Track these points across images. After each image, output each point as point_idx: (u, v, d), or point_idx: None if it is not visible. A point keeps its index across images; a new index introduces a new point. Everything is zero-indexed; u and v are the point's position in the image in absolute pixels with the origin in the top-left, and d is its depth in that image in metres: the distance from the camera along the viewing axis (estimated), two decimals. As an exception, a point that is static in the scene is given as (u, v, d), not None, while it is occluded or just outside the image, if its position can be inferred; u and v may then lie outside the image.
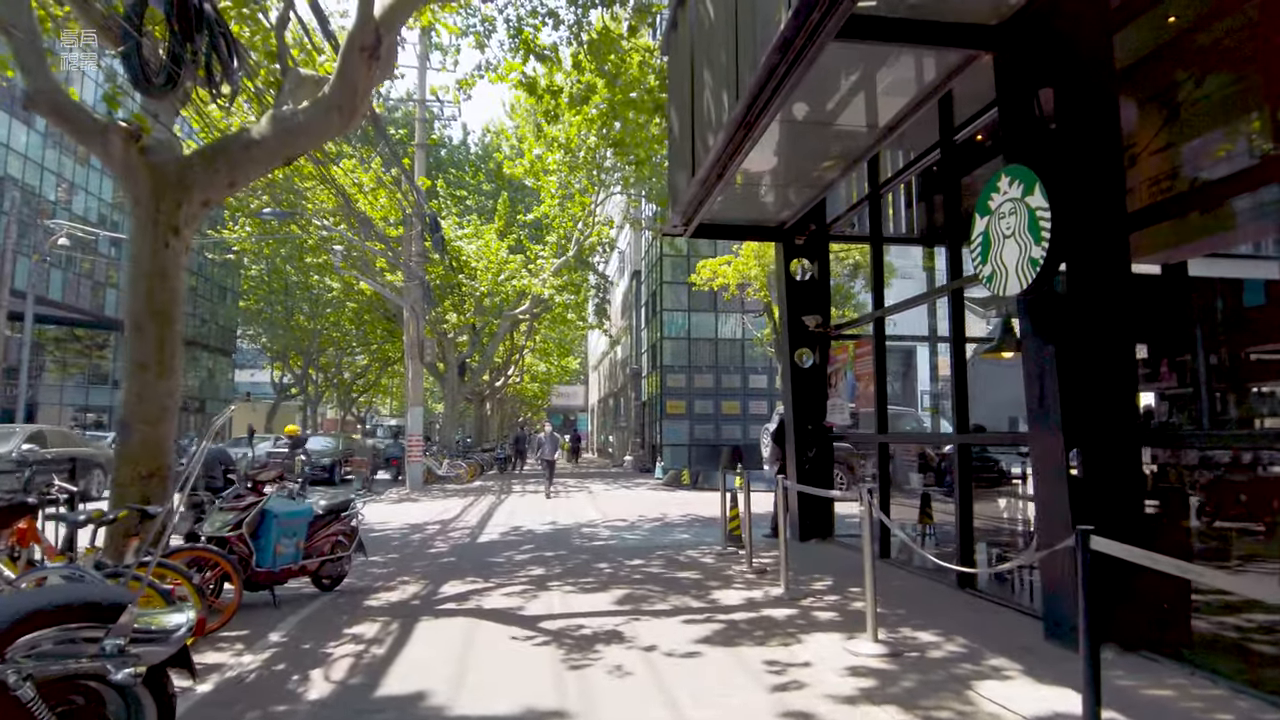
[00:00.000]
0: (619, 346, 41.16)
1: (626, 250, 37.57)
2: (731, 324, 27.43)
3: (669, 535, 10.26)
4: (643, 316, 32.57)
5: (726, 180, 7.44)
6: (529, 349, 37.63)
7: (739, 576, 7.20)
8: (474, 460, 23.59)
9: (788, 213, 9.34)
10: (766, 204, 9.21)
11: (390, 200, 19.12)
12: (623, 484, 21.66)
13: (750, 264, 18.18)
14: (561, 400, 55.72)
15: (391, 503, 15.75)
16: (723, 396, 27.09)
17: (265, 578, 5.90)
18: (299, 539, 6.16)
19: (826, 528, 9.32)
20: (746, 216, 9.63)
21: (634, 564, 7.97)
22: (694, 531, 10.62)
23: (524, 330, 31.86)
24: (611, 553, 8.79)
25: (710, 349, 27.56)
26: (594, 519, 12.40)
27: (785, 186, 8.67)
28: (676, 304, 27.74)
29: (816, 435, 9.32)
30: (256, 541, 5.86)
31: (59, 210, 25.51)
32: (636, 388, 33.95)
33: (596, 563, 8.11)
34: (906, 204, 8.68)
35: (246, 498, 5.94)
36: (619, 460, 35.39)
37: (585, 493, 18.19)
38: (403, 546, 9.64)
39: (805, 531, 9.27)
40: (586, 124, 13.31)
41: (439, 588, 6.91)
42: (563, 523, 11.92)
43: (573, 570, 7.69)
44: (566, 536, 10.32)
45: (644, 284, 32.51)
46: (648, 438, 30.81)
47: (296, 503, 6.28)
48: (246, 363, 52.91)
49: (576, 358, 58.76)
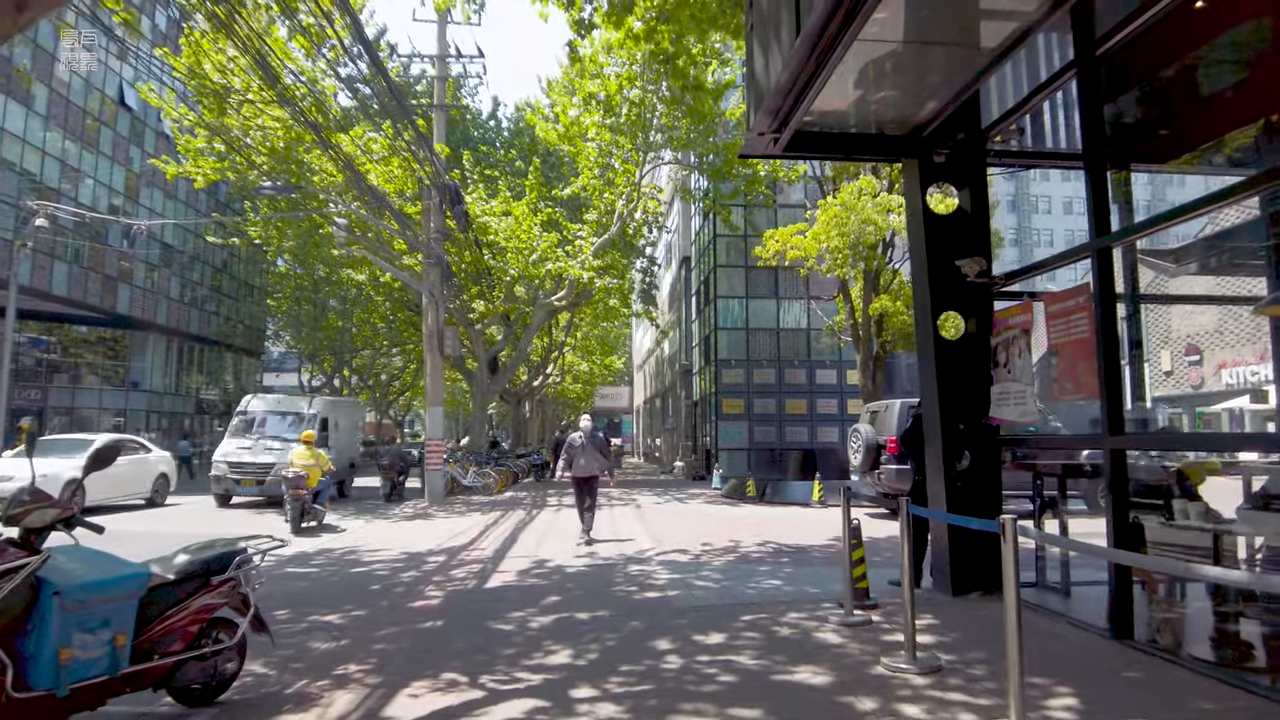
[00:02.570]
0: (666, 342, 38.27)
1: (674, 237, 34.67)
2: (795, 311, 24.33)
3: (752, 579, 7.27)
4: (693, 306, 29.63)
5: (860, 24, 4.51)
6: (569, 346, 34.95)
7: (900, 683, 4.22)
8: (507, 467, 20.91)
9: (927, 110, 6.32)
10: (895, 96, 6.22)
11: (405, 170, 16.58)
12: (675, 495, 18.72)
13: (829, 233, 15.08)
14: (605, 401, 52.98)
15: (403, 519, 13.13)
16: (786, 394, 23.98)
17: (43, 711, 3.15)
18: (117, 630, 3.39)
19: (991, 575, 6.26)
20: (865, 119, 6.63)
21: (713, 643, 5.03)
22: (786, 573, 7.62)
23: (563, 325, 29.16)
24: (674, 616, 5.87)
25: (771, 340, 24.48)
26: (645, 549, 9.50)
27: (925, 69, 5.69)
28: (732, 290, 24.77)
29: (973, 438, 6.28)
30: (20, 643, 3.11)
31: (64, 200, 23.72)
32: (687, 385, 31.02)
33: (653, 638, 5.20)
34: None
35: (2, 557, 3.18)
36: (668, 466, 32.44)
37: (632, 506, 15.31)
38: (380, 595, 6.89)
39: (960, 581, 6.24)
40: (631, 42, 10.43)
41: (391, 698, 4.11)
42: (604, 555, 9.05)
43: (617, 656, 4.80)
44: (608, 580, 7.44)
45: (695, 270, 29.57)
46: (700, 441, 27.83)
47: (111, 565, 3.51)
48: (275, 364, 51.47)
49: (621, 356, 56.03)
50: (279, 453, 15.08)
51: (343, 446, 18.24)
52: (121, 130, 28.76)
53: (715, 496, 17.99)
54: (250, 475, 15.23)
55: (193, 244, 32.58)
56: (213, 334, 36.11)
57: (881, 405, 13.36)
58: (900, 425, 11.93)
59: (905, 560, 4.48)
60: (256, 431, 16.29)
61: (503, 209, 19.14)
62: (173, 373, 34.59)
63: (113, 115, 28.25)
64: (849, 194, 14.70)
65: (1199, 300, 6.92)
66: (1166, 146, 5.37)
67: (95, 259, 26.36)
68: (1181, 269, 8.07)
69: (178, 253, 33.32)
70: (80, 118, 26.04)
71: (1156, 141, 5.51)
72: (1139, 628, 4.77)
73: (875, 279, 18.13)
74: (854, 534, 5.65)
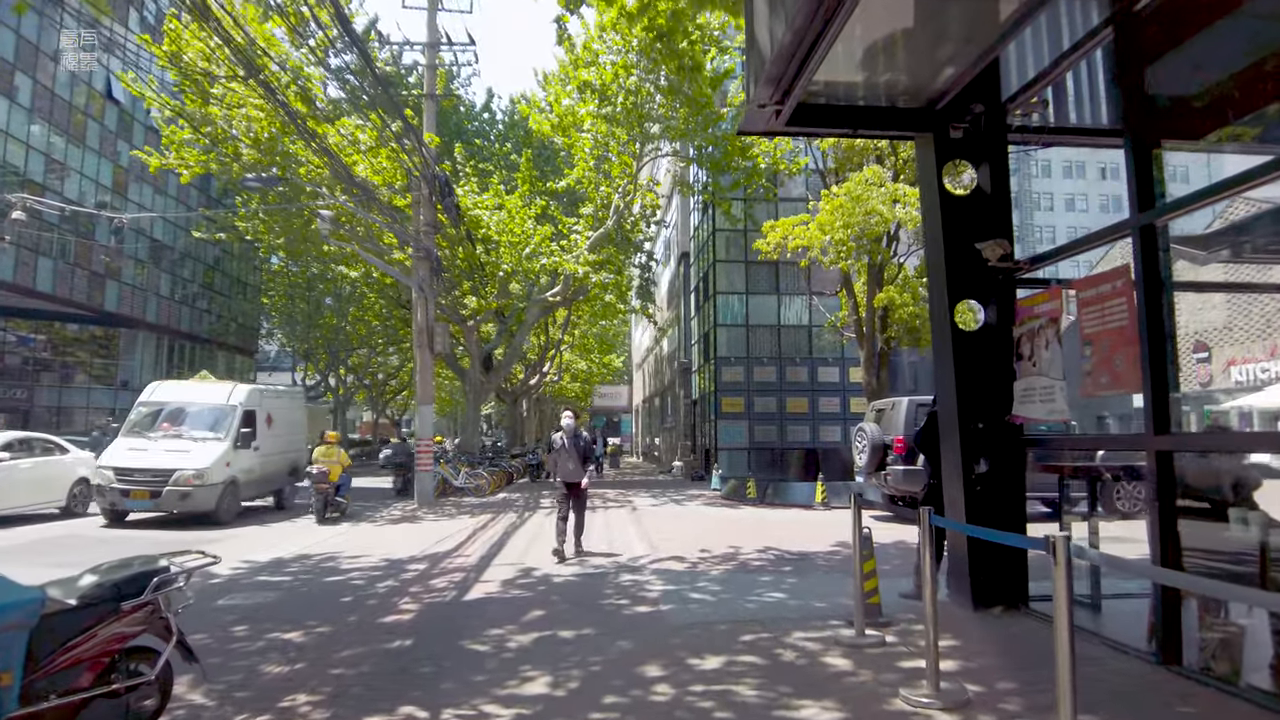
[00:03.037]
0: (665, 340, 37.74)
1: (672, 233, 34.12)
2: (797, 307, 23.78)
3: (753, 592, 6.73)
4: (692, 303, 29.09)
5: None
6: (567, 344, 34.39)
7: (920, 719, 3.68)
8: (501, 468, 20.37)
9: (943, 79, 5.77)
10: (908, 62, 5.69)
11: (393, 161, 16.03)
12: (673, 496, 18.17)
13: (833, 223, 14.52)
14: (604, 401, 52.36)
15: (389, 523, 12.60)
16: (787, 392, 23.42)
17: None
18: (1, 668, 2.85)
19: (1015, 587, 5.72)
20: (874, 90, 6.09)
21: (709, 669, 4.49)
22: (789, 584, 7.07)
23: (560, 322, 28.60)
24: (667, 635, 5.32)
25: (771, 337, 23.93)
26: (639, 555, 8.96)
27: (941, 30, 5.15)
28: (732, 286, 24.21)
29: (994, 438, 5.74)
30: None
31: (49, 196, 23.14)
32: (686, 384, 30.47)
33: (642, 662, 4.66)
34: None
35: None
36: (667, 466, 31.89)
37: (628, 509, 14.77)
38: (350, 608, 6.36)
39: (980, 594, 5.69)
40: (625, 22, 9.90)
41: (337, 739, 3.57)
42: (594, 563, 8.51)
43: (600, 684, 4.26)
44: (597, 591, 6.90)
45: (694, 265, 29.03)
46: (699, 441, 27.29)
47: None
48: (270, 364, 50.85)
49: (620, 355, 55.44)
50: (185, 456, 12.07)
51: (280, 448, 14.73)
52: (109, 124, 28.21)
53: (714, 498, 17.46)
54: (142, 485, 11.66)
55: (184, 240, 32.00)
56: (205, 332, 35.51)
57: (888, 403, 12.82)
58: (908, 424, 11.39)
59: (927, 577, 3.94)
60: (159, 428, 12.98)
61: (495, 202, 18.57)
62: (164, 372, 34.04)
63: (100, 108, 27.69)
64: (855, 183, 14.14)
65: (1247, 289, 6.39)
66: (1215, 115, 4.82)
67: (81, 255, 25.79)
68: (1212, 256, 7.54)
69: (168, 249, 32.75)
70: (66, 111, 25.49)
71: (1204, 110, 4.96)
72: (1189, 652, 4.23)
73: (880, 273, 17.58)
74: (866, 546, 5.11)
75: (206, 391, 14.17)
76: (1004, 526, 5.46)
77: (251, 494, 13.67)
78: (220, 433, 12.91)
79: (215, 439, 12.75)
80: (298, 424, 16.29)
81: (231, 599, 6.83)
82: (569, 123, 17.61)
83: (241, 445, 13.06)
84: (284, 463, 14.98)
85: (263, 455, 13.86)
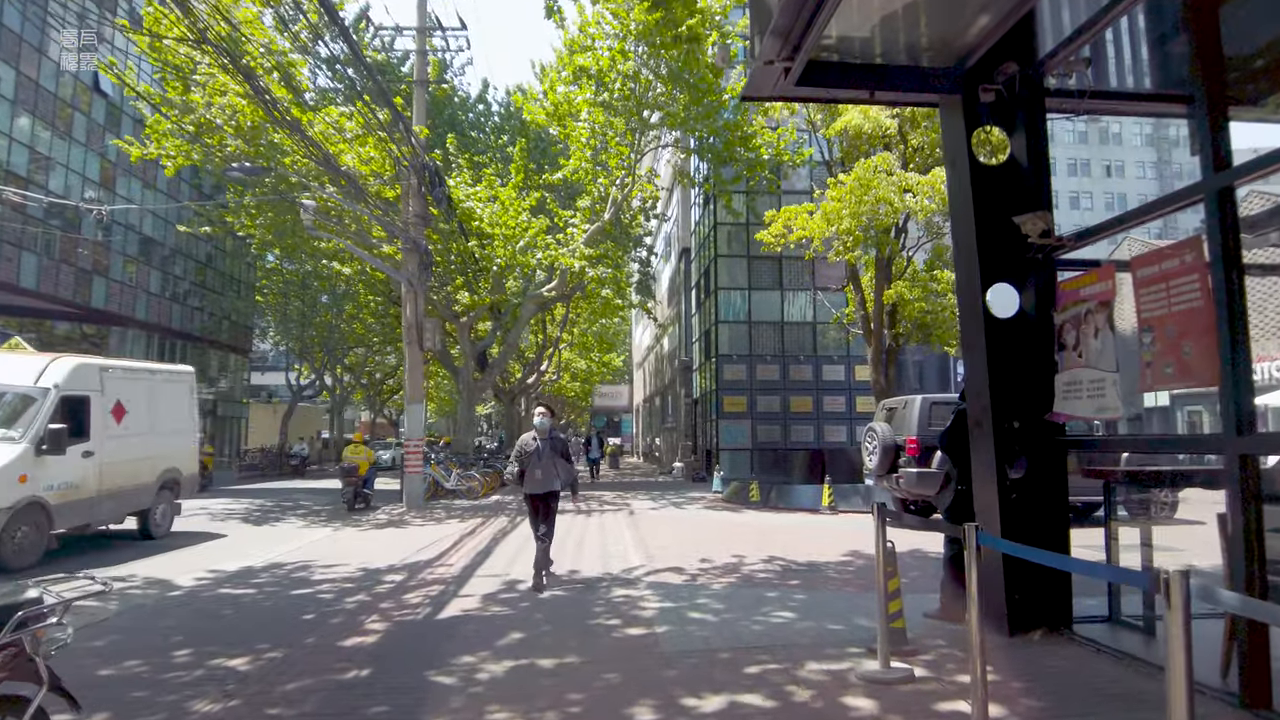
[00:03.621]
0: (666, 337, 37.09)
1: (673, 228, 33.45)
2: (801, 303, 23.12)
3: (759, 611, 6.03)
4: (693, 300, 28.43)
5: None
6: (566, 342, 33.71)
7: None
8: (495, 469, 19.70)
9: (974, 32, 5.11)
10: (933, 11, 5.03)
11: (380, 151, 15.38)
12: (672, 499, 17.50)
13: (839, 213, 13.83)
14: (604, 400, 51.74)
15: (374, 527, 11.96)
16: (791, 391, 22.74)
17: None
18: None
19: (1058, 608, 5.04)
20: (894, 45, 5.41)
21: (709, 712, 3.81)
22: (799, 601, 6.38)
23: (558, 319, 27.93)
24: (661, 665, 4.64)
25: (775, 334, 23.27)
26: (633, 566, 8.30)
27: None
28: (734, 281, 23.55)
29: (1031, 439, 5.06)
30: None
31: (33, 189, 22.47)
32: (686, 383, 29.82)
33: (630, 701, 3.97)
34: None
35: None
36: (667, 467, 31.21)
37: (625, 512, 14.10)
38: (310, 628, 5.70)
39: (1017, 616, 5.01)
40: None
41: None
42: (585, 573, 7.86)
43: (579, 732, 3.59)
44: (584, 609, 6.23)
45: (695, 261, 28.37)
46: (700, 441, 26.62)
47: None
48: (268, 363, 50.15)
49: (621, 354, 54.78)
50: None
51: (140, 452, 10.52)
52: (96, 116, 27.56)
53: (716, 500, 16.79)
54: None
55: (174, 236, 31.34)
56: (198, 330, 34.79)
57: (900, 402, 12.14)
58: (921, 424, 10.74)
59: (972, 605, 3.27)
60: None
61: (488, 193, 17.90)
62: (156, 371, 33.44)
63: (86, 100, 27.05)
64: (864, 169, 13.45)
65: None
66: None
67: (67, 250, 25.16)
68: (1259, 238, 6.87)
69: (158, 245, 32.05)
70: (51, 102, 24.86)
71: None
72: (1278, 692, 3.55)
73: (888, 266, 16.89)
74: (890, 563, 4.44)
75: (3, 366, 9.64)
76: (1044, 539, 4.80)
77: (80, 520, 9.46)
78: (15, 430, 8.70)
79: (2, 439, 8.60)
80: (178, 417, 11.85)
81: (182, 615, 6.20)
82: (565, 111, 16.94)
83: (52, 449, 8.74)
84: (148, 472, 10.74)
85: (103, 463, 9.73)
